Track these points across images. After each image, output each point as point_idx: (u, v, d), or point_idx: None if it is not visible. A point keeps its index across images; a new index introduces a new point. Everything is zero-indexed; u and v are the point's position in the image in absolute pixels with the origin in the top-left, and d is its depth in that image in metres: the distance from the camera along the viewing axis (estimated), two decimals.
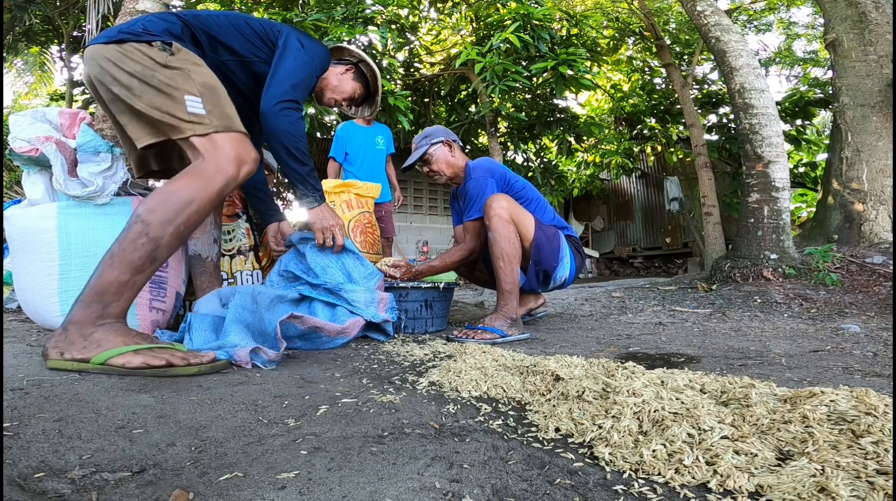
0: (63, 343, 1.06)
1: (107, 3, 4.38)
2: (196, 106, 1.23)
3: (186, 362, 1.08)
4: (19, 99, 11.73)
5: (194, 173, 1.19)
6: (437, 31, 8.35)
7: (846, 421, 0.64)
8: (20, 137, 1.50)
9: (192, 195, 1.16)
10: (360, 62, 1.83)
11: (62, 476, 0.57)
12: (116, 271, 1.09)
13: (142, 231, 1.11)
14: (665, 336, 1.86)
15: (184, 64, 1.28)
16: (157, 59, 1.27)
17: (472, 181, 2.02)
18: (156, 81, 1.24)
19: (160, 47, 1.28)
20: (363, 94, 1.86)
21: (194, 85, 1.26)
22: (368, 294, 1.58)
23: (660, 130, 8.54)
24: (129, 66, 1.25)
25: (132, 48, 1.27)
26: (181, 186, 1.16)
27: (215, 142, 1.22)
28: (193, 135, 1.20)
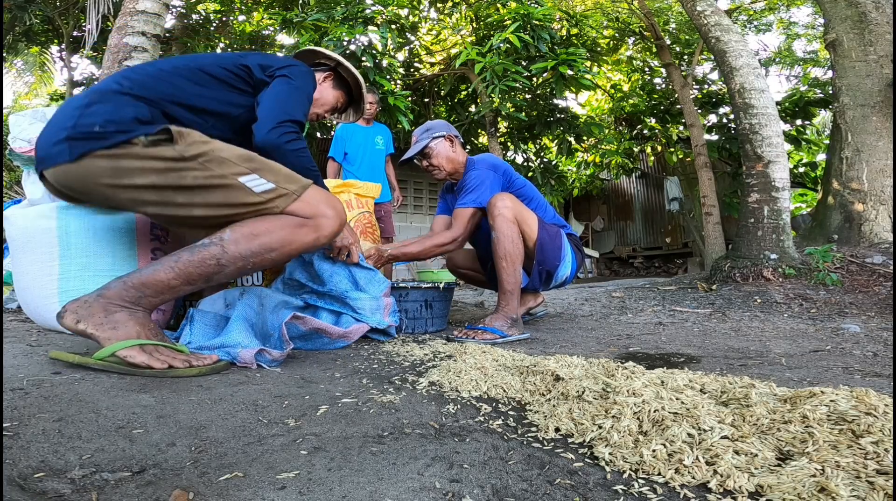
0: (84, 311, 1.07)
1: (107, 3, 4.39)
2: (258, 182, 1.14)
3: (188, 364, 1.08)
4: (19, 99, 11.74)
5: (294, 227, 1.17)
6: (437, 31, 8.36)
7: (846, 421, 0.64)
8: (20, 137, 1.50)
9: (279, 245, 1.17)
10: (338, 66, 1.67)
11: (62, 476, 0.56)
12: (171, 275, 1.11)
13: (216, 255, 1.12)
14: (665, 336, 1.86)
15: (200, 146, 1.14)
16: (168, 156, 1.11)
17: (473, 172, 1.98)
18: (191, 180, 1.11)
19: (145, 143, 1.10)
20: (346, 101, 1.73)
21: (234, 163, 1.15)
22: (374, 302, 1.57)
23: (660, 130, 8.54)
24: (139, 179, 1.10)
25: (124, 158, 1.09)
26: (275, 232, 1.15)
27: (308, 203, 1.18)
28: (281, 209, 1.15)
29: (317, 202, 1.20)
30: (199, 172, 1.11)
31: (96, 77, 8.07)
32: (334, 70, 1.67)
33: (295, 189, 1.18)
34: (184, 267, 1.11)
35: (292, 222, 1.17)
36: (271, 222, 1.16)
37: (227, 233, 1.13)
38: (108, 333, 1.06)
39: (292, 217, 1.17)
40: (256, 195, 1.14)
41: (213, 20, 8.21)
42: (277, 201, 1.15)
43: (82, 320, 1.06)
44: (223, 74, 1.33)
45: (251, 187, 1.13)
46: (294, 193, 1.17)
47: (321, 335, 1.45)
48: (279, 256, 1.19)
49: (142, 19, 3.05)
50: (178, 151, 1.11)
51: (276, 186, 1.16)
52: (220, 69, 1.33)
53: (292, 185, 1.18)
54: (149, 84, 1.21)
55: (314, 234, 1.20)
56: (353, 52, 5.14)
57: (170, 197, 1.12)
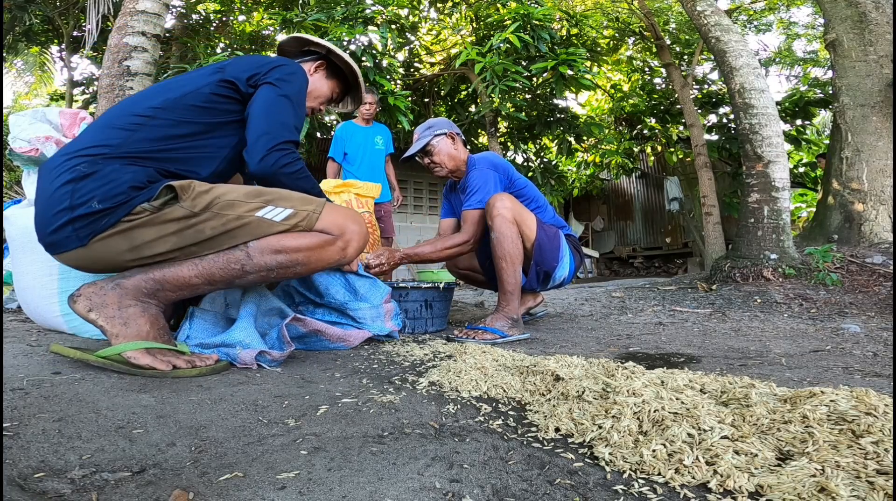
0: (98, 299, 1.06)
1: (107, 3, 4.39)
2: (276, 212, 1.14)
3: (191, 364, 1.08)
4: (19, 99, 11.74)
5: (322, 243, 1.19)
6: (437, 31, 8.36)
7: (846, 421, 0.64)
8: (20, 137, 1.50)
9: (306, 261, 1.18)
10: (329, 53, 1.54)
11: (62, 476, 0.56)
12: (194, 273, 1.11)
13: (240, 260, 1.12)
14: (665, 336, 1.86)
15: (206, 197, 1.10)
16: (179, 216, 1.07)
17: (475, 172, 1.98)
18: (210, 232, 1.09)
19: (151, 209, 1.06)
20: (341, 90, 1.61)
21: (245, 202, 1.12)
22: (374, 310, 1.56)
23: (660, 130, 8.54)
24: (159, 247, 1.07)
25: (136, 229, 1.06)
26: (302, 249, 1.16)
27: (333, 221, 1.19)
28: (309, 229, 1.17)
29: (342, 219, 1.22)
30: (214, 222, 1.09)
31: (96, 77, 8.07)
32: (325, 58, 1.54)
33: (314, 208, 1.18)
34: (208, 267, 1.11)
35: (320, 238, 1.19)
36: (300, 238, 1.17)
37: (252, 242, 1.13)
38: (119, 328, 1.06)
39: (321, 234, 1.19)
40: (279, 224, 1.14)
41: (213, 20, 8.21)
42: (302, 223, 1.16)
43: (94, 309, 1.06)
44: (209, 100, 1.22)
45: (271, 218, 1.13)
46: (314, 212, 1.18)
47: (320, 338, 1.45)
48: (305, 270, 1.21)
49: (142, 19, 3.05)
50: (187, 208, 1.08)
51: (295, 211, 1.16)
52: (204, 96, 1.21)
53: (310, 205, 1.19)
54: (137, 143, 1.13)
55: (341, 251, 1.23)
56: (353, 52, 5.14)
57: (196, 251, 1.11)
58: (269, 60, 1.31)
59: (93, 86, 8.22)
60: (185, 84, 1.23)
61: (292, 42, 1.55)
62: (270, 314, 1.41)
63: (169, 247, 1.08)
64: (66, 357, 1.07)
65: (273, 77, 1.26)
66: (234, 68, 1.27)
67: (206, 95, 1.22)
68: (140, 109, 1.17)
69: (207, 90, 1.22)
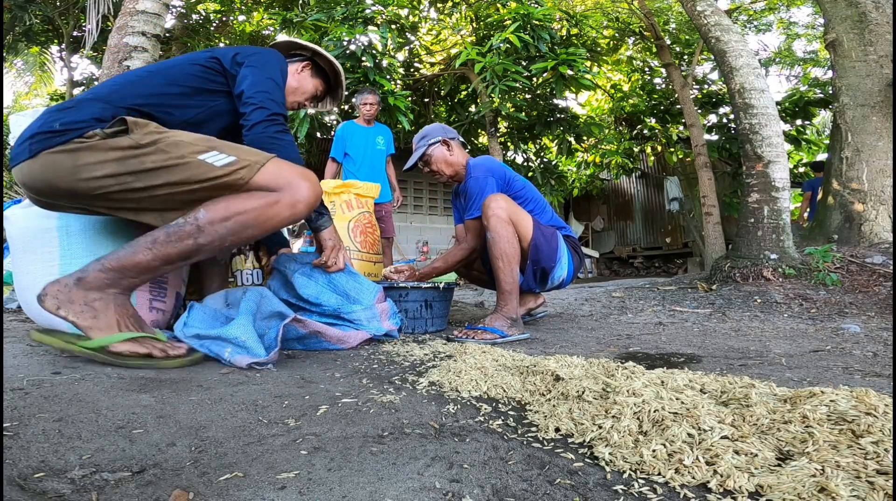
0: (63, 297, 1.11)
1: (107, 3, 4.39)
2: (218, 157, 1.15)
3: (165, 354, 1.14)
4: (19, 99, 11.74)
5: (269, 202, 1.17)
6: (437, 31, 8.36)
7: (846, 421, 0.64)
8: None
9: (256, 222, 1.17)
10: (315, 55, 1.69)
11: (62, 476, 0.56)
12: (150, 257, 1.13)
13: (192, 234, 1.13)
14: (665, 336, 1.86)
15: (156, 134, 1.15)
16: (124, 145, 1.12)
17: (472, 180, 2.02)
18: (150, 164, 1.12)
19: (101, 136, 1.12)
20: (324, 89, 1.74)
21: (192, 143, 1.16)
22: (368, 311, 1.55)
23: (660, 130, 8.55)
24: (97, 171, 1.11)
25: (81, 152, 1.11)
26: (249, 211, 1.15)
27: (277, 174, 1.18)
28: (246, 180, 1.15)
29: (288, 173, 1.20)
30: (157, 156, 1.12)
31: (96, 77, 8.07)
32: (311, 60, 1.69)
33: (258, 159, 1.18)
34: (161, 248, 1.13)
35: (266, 197, 1.17)
36: (245, 200, 1.15)
37: (200, 212, 1.13)
38: (90, 321, 1.11)
39: (266, 192, 1.17)
40: (218, 169, 1.14)
41: (213, 20, 8.21)
42: (241, 173, 1.15)
43: (62, 306, 1.10)
44: (198, 70, 1.36)
45: (211, 162, 1.14)
46: (257, 163, 1.17)
47: (320, 339, 1.45)
48: (258, 232, 1.19)
49: (142, 19, 3.05)
50: (134, 139, 1.12)
51: (238, 159, 1.16)
52: (194, 66, 1.36)
53: (254, 156, 1.19)
54: (124, 95, 1.24)
55: (291, 208, 1.20)
56: (353, 52, 5.14)
57: (130, 183, 1.13)
58: (253, 48, 1.46)
59: (93, 86, 8.21)
60: (181, 59, 1.40)
61: (282, 45, 1.70)
62: (270, 316, 1.41)
63: (107, 172, 1.11)
64: (47, 345, 1.14)
65: (254, 60, 1.40)
66: (223, 50, 1.43)
67: (196, 66, 1.37)
68: (137, 73, 1.33)
69: (200, 61, 1.38)
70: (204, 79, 1.37)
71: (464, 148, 2.20)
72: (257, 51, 1.44)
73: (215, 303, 1.49)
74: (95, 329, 1.11)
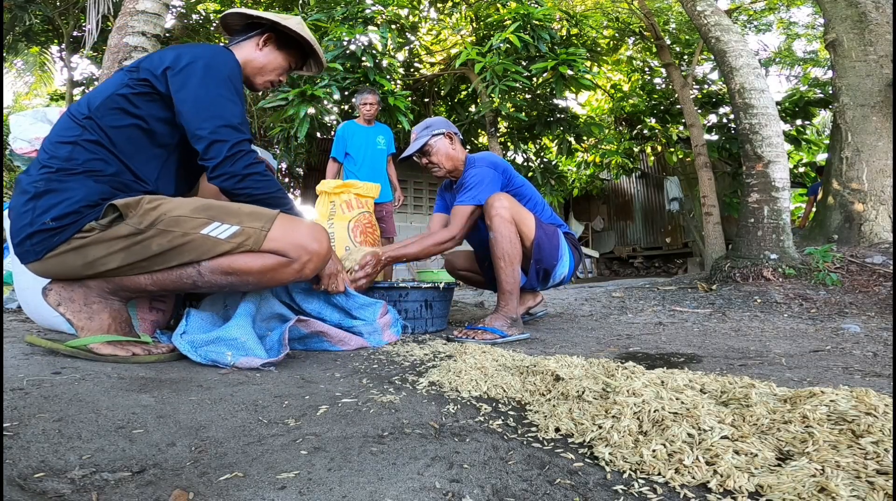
0: (66, 294, 1.16)
1: (107, 3, 4.39)
2: (222, 229, 1.13)
3: (148, 352, 1.19)
4: (19, 99, 11.74)
5: (276, 265, 1.17)
6: (437, 31, 8.36)
7: (846, 421, 0.64)
8: (21, 138, 1.50)
9: (257, 281, 1.19)
10: (275, 25, 1.43)
11: (62, 476, 0.56)
12: (149, 282, 1.17)
13: (192, 277, 1.16)
14: (665, 336, 1.86)
15: (152, 213, 1.11)
16: (125, 234, 1.10)
17: (473, 169, 1.96)
18: (156, 248, 1.11)
19: (100, 228, 1.09)
20: (298, 57, 1.52)
21: (191, 217, 1.12)
22: (370, 326, 1.55)
23: (660, 130, 8.54)
24: (110, 263, 1.11)
25: (87, 247, 1.10)
26: (253, 272, 1.16)
27: (285, 240, 1.16)
28: (256, 249, 1.15)
29: (297, 237, 1.18)
30: (160, 239, 1.11)
31: (96, 77, 8.08)
32: (272, 29, 1.43)
33: (262, 225, 1.16)
34: (161, 279, 1.17)
35: (274, 261, 1.17)
36: (252, 260, 1.16)
37: (205, 262, 1.15)
38: (84, 322, 1.16)
39: (275, 256, 1.17)
40: (224, 242, 1.13)
41: (213, 20, 8.21)
42: (248, 242, 1.15)
43: (63, 303, 1.16)
44: (129, 102, 1.19)
45: (216, 236, 1.13)
46: (262, 229, 1.15)
47: (321, 339, 1.44)
48: (258, 287, 1.24)
49: (142, 19, 3.05)
50: (133, 225, 1.10)
51: (242, 228, 1.14)
52: (123, 98, 1.18)
53: (258, 222, 1.16)
54: (83, 158, 1.14)
55: (297, 273, 1.21)
56: (353, 52, 5.14)
57: (146, 267, 1.14)
58: (182, 50, 1.22)
59: (93, 86, 8.22)
60: (107, 88, 1.20)
61: (235, 17, 1.45)
62: (270, 318, 1.41)
63: (119, 263, 1.12)
64: (39, 347, 1.19)
65: (189, 72, 1.18)
66: (148, 63, 1.21)
67: (125, 97, 1.18)
68: (78, 116, 1.17)
69: (126, 90, 1.18)
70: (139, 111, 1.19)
71: (463, 146, 2.18)
72: (190, 55, 1.21)
73: (214, 305, 1.49)
74: (87, 330, 1.16)
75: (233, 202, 1.22)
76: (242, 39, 1.42)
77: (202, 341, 1.20)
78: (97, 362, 1.13)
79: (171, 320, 1.65)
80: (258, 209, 1.20)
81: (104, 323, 1.18)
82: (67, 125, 1.17)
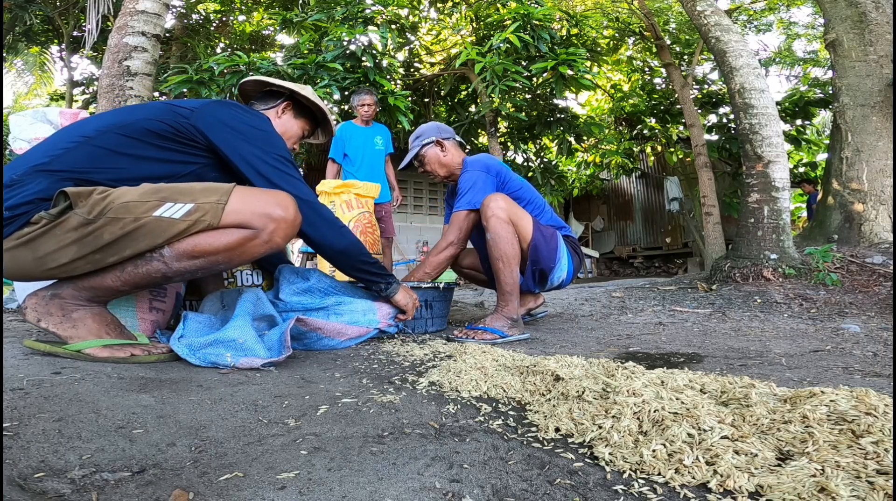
0: (43, 310, 1.13)
1: (107, 3, 4.39)
2: (175, 208, 1.08)
3: (147, 352, 1.18)
4: (19, 99, 11.74)
5: (241, 239, 1.13)
6: (437, 31, 8.36)
7: (846, 421, 0.64)
8: (20, 138, 1.50)
9: (227, 259, 1.15)
10: (293, 94, 1.54)
11: (62, 476, 0.56)
12: (119, 283, 1.14)
13: (160, 270, 1.12)
14: (665, 336, 1.86)
15: (101, 202, 1.06)
16: (75, 225, 1.04)
17: (465, 174, 2.00)
18: (108, 236, 1.05)
19: (48, 218, 1.04)
20: (311, 125, 1.61)
21: (141, 201, 1.07)
22: (365, 303, 1.54)
23: (660, 130, 8.55)
24: (62, 257, 1.05)
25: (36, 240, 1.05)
26: (220, 249, 1.11)
27: (240, 211, 1.11)
28: (215, 225, 1.10)
29: (258, 206, 1.13)
30: (112, 227, 1.05)
31: (96, 77, 8.07)
32: (290, 98, 1.54)
33: (218, 198, 1.11)
34: (129, 278, 1.13)
35: (239, 235, 1.12)
36: (215, 238, 1.11)
37: (165, 249, 1.10)
38: (69, 331, 1.14)
39: (238, 230, 1.12)
40: (179, 221, 1.07)
41: (213, 20, 8.21)
42: (205, 218, 1.09)
43: (42, 318, 1.13)
44: (166, 132, 1.21)
45: (170, 216, 1.07)
46: (219, 202, 1.11)
47: (320, 336, 1.44)
48: (230, 266, 1.19)
49: (142, 19, 3.05)
50: (82, 215, 1.04)
51: (196, 204, 1.09)
52: (161, 126, 1.20)
53: (213, 196, 1.11)
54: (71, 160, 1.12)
55: (265, 244, 1.16)
56: (353, 52, 5.14)
57: (100, 260, 1.08)
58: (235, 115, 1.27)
59: (93, 86, 8.22)
60: (140, 110, 1.22)
61: (252, 84, 1.55)
62: (262, 318, 1.41)
63: (71, 257, 1.06)
64: (37, 351, 1.17)
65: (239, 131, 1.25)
66: (201, 118, 1.24)
67: (164, 126, 1.20)
68: (88, 129, 1.17)
69: (168, 122, 1.20)
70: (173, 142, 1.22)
71: (461, 148, 2.18)
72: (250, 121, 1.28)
73: (212, 305, 1.49)
74: (76, 338, 1.15)
75: (180, 183, 1.17)
76: (265, 108, 1.50)
77: (200, 344, 1.19)
78: (97, 362, 1.13)
79: (171, 319, 1.65)
80: (213, 184, 1.15)
81: (91, 328, 1.16)
82: (73, 132, 1.17)
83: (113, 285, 1.13)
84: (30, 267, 1.08)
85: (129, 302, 1.39)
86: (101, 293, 1.16)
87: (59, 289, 1.14)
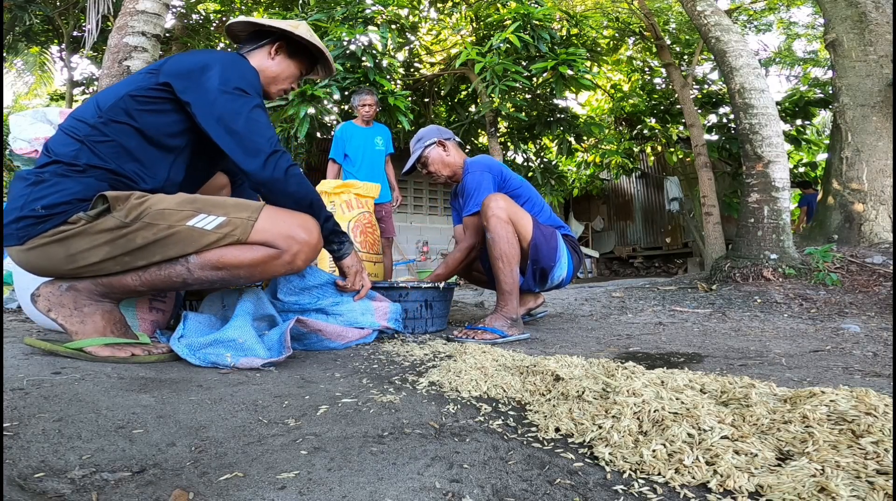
0: (55, 299, 1.15)
1: (107, 3, 4.38)
2: (207, 220, 1.12)
3: (147, 352, 1.19)
4: (19, 99, 11.74)
5: (266, 257, 1.16)
6: (437, 31, 8.36)
7: (846, 421, 0.64)
8: (20, 138, 1.50)
9: (248, 274, 1.18)
10: (285, 33, 1.44)
11: (62, 476, 0.56)
12: (138, 283, 1.16)
13: (182, 274, 1.15)
14: (665, 336, 1.86)
15: (138, 207, 1.10)
16: (111, 227, 1.09)
17: (469, 176, 2.02)
18: (141, 241, 1.09)
19: (86, 219, 1.08)
20: (308, 63, 1.53)
21: (177, 210, 1.11)
22: (363, 304, 1.54)
23: (660, 130, 8.55)
24: (93, 257, 1.09)
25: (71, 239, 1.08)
26: (244, 265, 1.15)
27: (267, 230, 1.15)
28: (243, 240, 1.13)
29: (285, 227, 1.17)
30: (146, 232, 1.10)
31: (96, 77, 8.08)
32: (282, 37, 1.44)
33: (249, 215, 1.15)
34: (150, 278, 1.15)
35: (264, 253, 1.16)
36: (240, 253, 1.15)
37: (193, 258, 1.13)
38: (77, 326, 1.15)
39: (264, 248, 1.16)
40: (210, 233, 1.12)
41: (213, 20, 8.21)
42: (235, 232, 1.13)
43: (53, 308, 1.15)
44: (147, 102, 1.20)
45: (202, 227, 1.12)
46: (249, 219, 1.14)
47: (320, 337, 1.44)
48: (250, 281, 1.23)
49: (142, 19, 3.05)
50: (119, 218, 1.09)
51: (228, 218, 1.14)
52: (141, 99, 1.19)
53: (244, 213, 1.15)
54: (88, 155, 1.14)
55: (287, 265, 1.20)
56: (353, 52, 5.14)
57: (129, 262, 1.12)
58: (205, 60, 1.22)
59: (93, 86, 8.22)
60: (123, 86, 1.21)
61: (241, 26, 1.45)
62: (262, 318, 1.41)
63: (102, 256, 1.10)
64: (38, 348, 1.18)
65: (218, 80, 1.19)
66: (170, 69, 1.21)
67: (143, 97, 1.19)
68: (86, 117, 1.17)
69: (145, 90, 1.19)
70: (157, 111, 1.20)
71: (461, 149, 2.20)
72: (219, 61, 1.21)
73: (212, 305, 1.49)
74: (81, 334, 1.15)
75: (212, 196, 1.22)
76: (253, 48, 1.41)
77: (200, 344, 1.20)
78: (97, 362, 1.13)
79: (172, 319, 1.65)
80: (244, 201, 1.19)
81: (98, 326, 1.17)
82: (74, 126, 1.18)
83: (131, 285, 1.15)
84: (60, 263, 1.11)
85: (129, 302, 1.39)
86: (117, 291, 1.17)
87: (76, 281, 1.15)
